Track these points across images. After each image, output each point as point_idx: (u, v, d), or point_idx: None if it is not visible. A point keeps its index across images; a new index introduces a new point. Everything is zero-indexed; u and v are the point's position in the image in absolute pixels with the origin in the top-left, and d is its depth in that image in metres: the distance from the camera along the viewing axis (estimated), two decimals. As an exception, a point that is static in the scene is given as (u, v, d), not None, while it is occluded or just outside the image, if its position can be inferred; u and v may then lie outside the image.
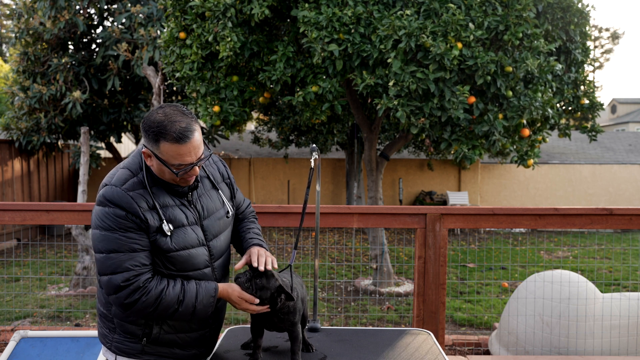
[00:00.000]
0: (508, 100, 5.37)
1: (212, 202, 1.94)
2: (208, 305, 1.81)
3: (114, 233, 1.72)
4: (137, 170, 1.81)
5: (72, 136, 10.40)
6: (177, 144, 1.69)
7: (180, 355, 1.92)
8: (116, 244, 1.72)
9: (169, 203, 1.82)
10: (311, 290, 4.61)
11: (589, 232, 12.62)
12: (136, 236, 1.74)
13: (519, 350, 3.86)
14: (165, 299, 1.74)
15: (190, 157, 1.73)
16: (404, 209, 3.24)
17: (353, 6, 5.35)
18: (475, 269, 8.58)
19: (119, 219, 1.72)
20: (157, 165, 1.77)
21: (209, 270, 1.90)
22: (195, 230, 1.86)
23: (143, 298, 1.72)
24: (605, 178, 14.90)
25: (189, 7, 5.73)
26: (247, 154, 15.40)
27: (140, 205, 1.74)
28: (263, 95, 6.13)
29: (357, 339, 2.23)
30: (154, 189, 1.80)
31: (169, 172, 1.76)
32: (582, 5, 5.86)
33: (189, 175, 1.79)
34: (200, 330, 1.93)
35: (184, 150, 1.71)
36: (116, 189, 1.74)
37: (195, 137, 1.72)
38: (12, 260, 8.82)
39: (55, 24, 8.89)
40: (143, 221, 1.74)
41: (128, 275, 1.71)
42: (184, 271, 1.82)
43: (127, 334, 1.86)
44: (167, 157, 1.71)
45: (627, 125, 28.54)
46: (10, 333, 4.72)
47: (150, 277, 1.75)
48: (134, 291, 1.71)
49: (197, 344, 1.95)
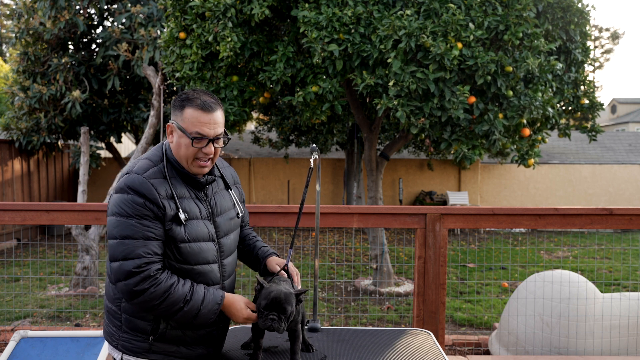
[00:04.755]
0: (508, 100, 5.37)
1: (225, 201, 2.00)
2: (212, 311, 1.82)
3: (129, 219, 1.74)
4: (157, 161, 1.87)
5: (72, 136, 10.39)
6: (200, 111, 1.79)
7: (187, 354, 1.91)
8: (131, 230, 1.74)
9: (185, 195, 1.87)
10: (311, 290, 4.61)
11: (589, 232, 12.62)
12: (151, 224, 1.76)
13: (519, 350, 3.86)
14: (173, 295, 1.74)
15: (209, 128, 1.81)
16: (404, 209, 3.24)
17: (353, 6, 5.35)
18: (475, 269, 8.58)
19: (137, 205, 1.75)
20: (177, 138, 1.84)
21: (216, 266, 1.91)
22: (207, 225, 1.89)
23: (152, 289, 1.72)
24: (605, 178, 14.90)
25: (189, 7, 5.73)
26: (247, 154, 15.40)
27: (159, 192, 1.78)
28: (263, 95, 6.13)
29: (357, 339, 2.23)
30: (173, 180, 1.85)
31: (185, 146, 1.81)
32: (582, 5, 5.86)
33: (204, 155, 1.84)
34: (206, 327, 1.92)
35: (205, 119, 1.80)
36: (137, 176, 1.79)
37: (218, 113, 1.83)
38: (12, 260, 8.82)
39: (55, 24, 8.89)
40: (161, 208, 1.77)
41: (140, 262, 1.72)
42: (194, 264, 1.84)
43: (134, 332, 1.85)
44: (187, 125, 1.80)
45: (627, 125, 28.55)
46: (10, 333, 4.72)
47: (160, 268, 1.76)
48: (144, 279, 1.72)
49: (204, 342, 1.94)
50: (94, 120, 10.09)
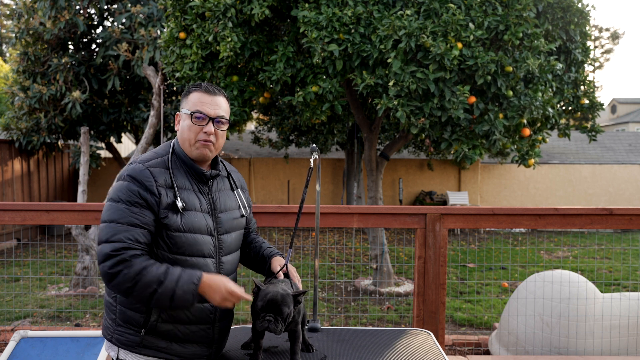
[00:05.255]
0: (508, 100, 5.37)
1: (230, 200, 2.03)
2: (188, 291, 1.74)
3: (120, 204, 1.79)
4: (163, 153, 1.94)
5: (72, 136, 10.39)
6: (204, 93, 1.92)
7: (179, 352, 1.88)
8: (117, 215, 1.77)
9: (187, 186, 1.90)
10: (311, 290, 4.61)
11: (589, 232, 12.62)
12: (139, 211, 1.78)
13: (519, 350, 3.86)
14: (145, 276, 1.72)
15: (210, 108, 1.90)
16: (404, 209, 3.23)
17: (353, 6, 5.35)
18: (475, 269, 8.58)
19: (130, 192, 1.79)
20: (181, 123, 1.93)
21: (212, 261, 1.90)
22: (206, 218, 1.91)
23: (125, 271, 1.71)
24: (605, 178, 14.90)
25: (189, 7, 5.73)
26: (247, 154, 15.40)
27: (157, 180, 1.82)
28: (263, 95, 6.13)
29: (357, 339, 2.23)
30: (175, 171, 1.90)
31: (188, 127, 1.89)
32: (582, 5, 5.86)
33: (205, 135, 1.89)
34: (200, 324, 1.89)
35: (207, 99, 1.91)
36: (138, 165, 1.85)
37: (220, 98, 1.95)
38: (12, 260, 8.82)
39: (55, 24, 8.89)
40: (155, 196, 1.80)
41: (118, 245, 1.73)
42: (187, 255, 1.84)
43: (127, 324, 1.85)
44: (190, 106, 1.90)
45: (627, 125, 28.55)
46: (10, 333, 4.72)
47: (138, 254, 1.76)
48: (118, 263, 1.72)
49: (197, 340, 1.91)
50: (94, 120, 10.09)
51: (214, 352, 1.97)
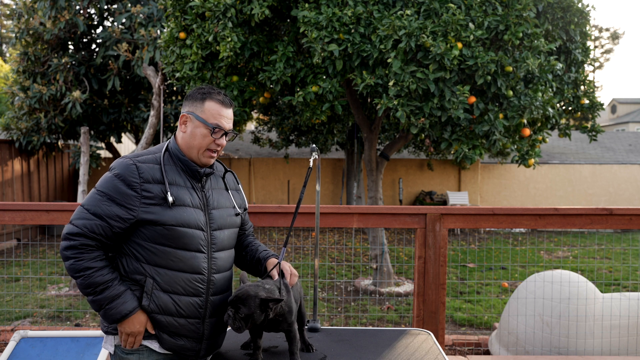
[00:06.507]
0: (508, 100, 5.37)
1: (223, 198, 2.05)
2: (110, 318, 1.84)
3: (98, 195, 1.84)
4: (156, 151, 1.96)
5: (72, 136, 10.40)
6: (221, 105, 1.94)
7: (169, 343, 1.89)
8: (91, 203, 1.83)
9: (179, 182, 1.92)
10: (311, 290, 4.61)
11: (589, 232, 12.62)
12: (107, 204, 1.82)
13: (519, 350, 3.86)
14: (87, 279, 1.80)
15: (226, 122, 1.95)
16: (404, 209, 3.23)
17: (353, 6, 5.35)
18: (475, 269, 8.58)
19: (109, 184, 1.84)
20: (191, 129, 1.93)
21: (202, 256, 1.91)
22: (197, 213, 1.92)
23: (72, 261, 1.80)
24: (605, 178, 14.90)
25: (189, 7, 5.73)
26: (247, 154, 15.40)
27: (142, 176, 1.84)
28: (263, 95, 6.13)
29: (357, 339, 2.23)
30: (167, 167, 1.92)
31: (201, 136, 1.91)
32: (582, 5, 5.86)
33: (216, 146, 1.94)
34: (188, 317, 1.89)
35: (225, 113, 1.95)
36: (125, 159, 1.88)
37: (231, 110, 1.99)
38: (12, 260, 8.82)
39: (55, 24, 8.89)
40: (137, 191, 1.82)
41: (76, 230, 1.80)
42: (175, 247, 1.86)
43: None
44: (207, 116, 1.92)
45: (627, 125, 28.55)
46: (10, 333, 4.72)
47: (91, 245, 1.81)
48: (70, 248, 1.80)
49: (186, 334, 1.90)
50: (94, 120, 10.09)
51: (204, 348, 1.96)
